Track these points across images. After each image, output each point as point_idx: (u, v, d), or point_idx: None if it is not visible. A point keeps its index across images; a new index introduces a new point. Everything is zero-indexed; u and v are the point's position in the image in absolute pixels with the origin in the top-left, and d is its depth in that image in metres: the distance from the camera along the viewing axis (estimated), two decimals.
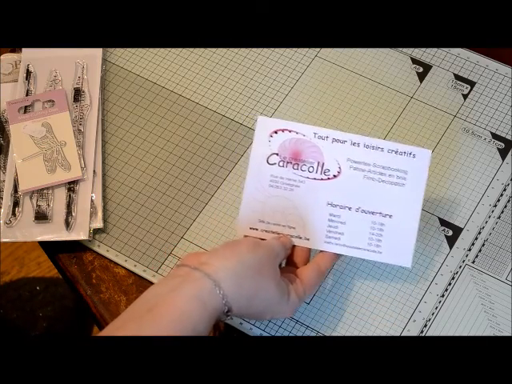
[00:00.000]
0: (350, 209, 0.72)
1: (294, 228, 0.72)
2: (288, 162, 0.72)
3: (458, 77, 0.87)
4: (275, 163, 0.72)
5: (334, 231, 0.72)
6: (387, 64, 0.88)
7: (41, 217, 0.81)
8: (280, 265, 0.69)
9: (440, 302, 0.75)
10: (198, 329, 0.60)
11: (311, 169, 0.72)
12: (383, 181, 0.72)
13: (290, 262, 0.72)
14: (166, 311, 0.60)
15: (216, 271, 0.63)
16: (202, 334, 0.61)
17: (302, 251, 0.72)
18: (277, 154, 0.72)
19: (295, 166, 0.72)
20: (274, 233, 0.72)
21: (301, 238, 0.72)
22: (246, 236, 0.72)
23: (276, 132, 0.72)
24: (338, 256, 0.73)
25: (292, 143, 0.72)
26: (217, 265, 0.63)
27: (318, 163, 0.72)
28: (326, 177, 0.72)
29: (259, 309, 0.66)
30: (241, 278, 0.63)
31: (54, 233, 0.80)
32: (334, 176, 0.72)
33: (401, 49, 0.89)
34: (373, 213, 0.72)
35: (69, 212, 0.81)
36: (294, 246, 0.72)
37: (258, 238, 0.71)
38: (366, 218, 0.72)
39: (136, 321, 0.59)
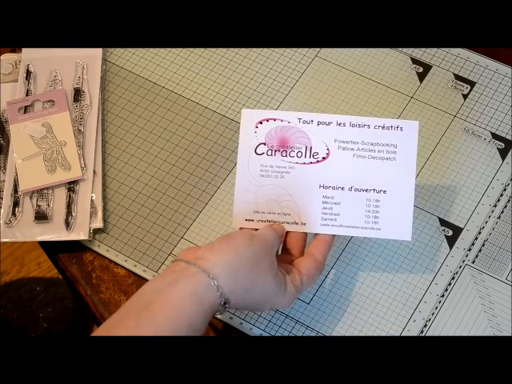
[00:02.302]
0: (342, 189, 0.72)
1: (289, 214, 0.72)
2: (276, 150, 0.73)
3: (458, 77, 0.87)
4: (263, 153, 0.73)
5: (330, 213, 0.72)
6: (387, 64, 0.88)
7: (41, 217, 0.81)
8: (276, 253, 0.69)
9: (440, 302, 0.75)
10: (195, 325, 0.60)
11: (300, 154, 0.72)
12: (373, 157, 0.72)
13: (285, 250, 0.72)
14: (162, 307, 0.60)
15: (212, 266, 0.63)
16: (199, 329, 0.61)
17: (297, 238, 0.72)
18: (264, 144, 0.73)
19: (283, 153, 0.72)
20: (270, 222, 0.72)
21: (297, 223, 0.72)
22: (241, 228, 0.72)
23: (261, 122, 0.73)
24: (332, 240, 0.72)
25: (278, 131, 0.73)
26: (213, 260, 0.63)
27: (306, 147, 0.72)
28: (316, 160, 0.72)
29: (257, 300, 0.66)
30: (238, 272, 0.63)
31: (54, 233, 0.80)
32: (323, 158, 0.72)
33: (401, 49, 0.89)
34: (366, 190, 0.72)
35: (69, 212, 0.81)
36: (289, 234, 0.72)
37: (254, 228, 0.71)
38: (360, 196, 0.72)
39: (133, 317, 0.59)
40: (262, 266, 0.65)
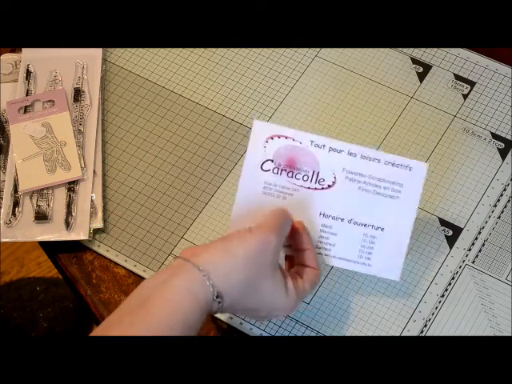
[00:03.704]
0: (342, 220, 0.71)
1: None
2: (282, 170, 0.71)
3: (458, 77, 0.87)
4: (269, 170, 0.71)
5: (325, 242, 0.71)
6: (387, 64, 0.88)
7: (41, 217, 0.81)
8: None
9: (440, 302, 0.75)
10: (190, 321, 0.60)
11: (306, 177, 0.71)
12: (378, 193, 0.71)
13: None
14: (157, 304, 0.60)
15: (206, 263, 0.63)
16: (194, 326, 0.61)
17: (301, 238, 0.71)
18: (271, 161, 0.70)
19: (289, 174, 0.71)
20: None
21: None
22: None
23: (272, 138, 0.70)
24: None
25: (288, 150, 0.70)
26: (206, 257, 0.63)
27: (313, 172, 0.70)
28: (321, 186, 0.71)
29: (254, 302, 0.65)
30: (231, 272, 0.63)
31: (54, 233, 0.80)
32: (329, 186, 0.71)
33: (401, 49, 0.89)
34: (365, 225, 0.71)
35: (69, 212, 0.81)
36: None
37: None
38: (357, 229, 0.71)
39: (130, 315, 0.60)
40: (259, 265, 0.64)
